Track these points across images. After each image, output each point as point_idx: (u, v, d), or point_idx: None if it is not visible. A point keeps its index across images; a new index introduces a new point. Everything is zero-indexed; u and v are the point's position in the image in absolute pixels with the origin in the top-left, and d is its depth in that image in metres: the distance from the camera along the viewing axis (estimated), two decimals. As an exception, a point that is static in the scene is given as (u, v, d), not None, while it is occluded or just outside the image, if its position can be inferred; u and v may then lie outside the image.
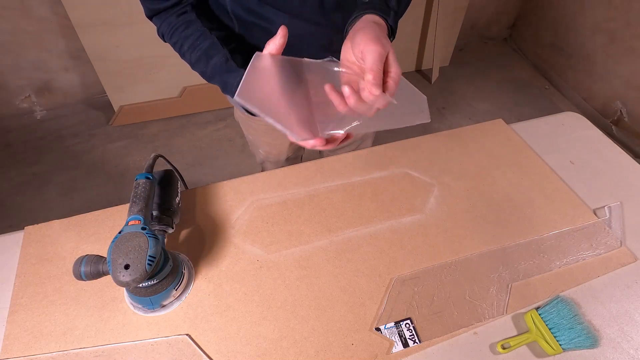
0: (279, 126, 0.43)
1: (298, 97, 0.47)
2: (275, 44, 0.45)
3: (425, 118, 0.54)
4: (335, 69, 0.48)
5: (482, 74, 2.41)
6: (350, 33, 0.49)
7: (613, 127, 2.06)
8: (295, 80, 0.47)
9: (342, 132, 0.47)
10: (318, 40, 0.66)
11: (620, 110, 2.02)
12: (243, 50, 0.66)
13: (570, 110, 1.61)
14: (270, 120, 0.43)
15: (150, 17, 0.63)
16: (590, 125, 0.95)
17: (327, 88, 0.45)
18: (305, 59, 0.47)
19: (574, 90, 2.26)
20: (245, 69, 0.43)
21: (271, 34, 0.47)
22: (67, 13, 1.56)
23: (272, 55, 0.46)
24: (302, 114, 0.47)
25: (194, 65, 0.61)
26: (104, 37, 1.65)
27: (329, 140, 0.48)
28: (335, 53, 0.51)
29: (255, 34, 0.65)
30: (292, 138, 0.46)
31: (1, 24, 1.70)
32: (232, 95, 0.53)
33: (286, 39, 0.46)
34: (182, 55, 0.62)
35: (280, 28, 0.45)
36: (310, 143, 0.47)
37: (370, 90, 0.42)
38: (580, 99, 2.22)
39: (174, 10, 0.60)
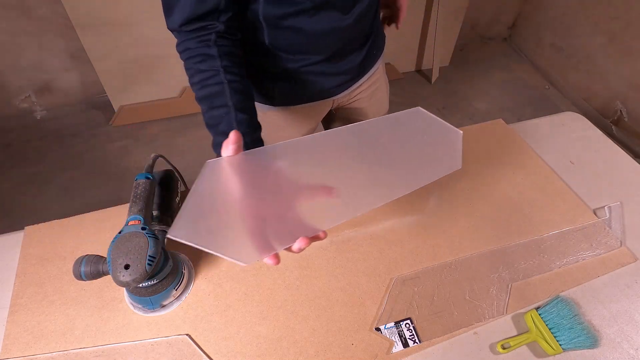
0: (221, 255, 0.36)
1: (268, 198, 0.41)
2: (229, 151, 0.40)
3: (456, 165, 0.47)
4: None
5: (482, 74, 2.41)
6: None
7: (613, 127, 2.06)
8: (259, 175, 0.41)
9: (298, 244, 0.39)
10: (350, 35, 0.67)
11: (620, 110, 2.02)
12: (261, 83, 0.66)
13: (570, 110, 1.61)
14: (212, 252, 0.35)
15: (171, 30, 0.58)
16: (590, 125, 0.94)
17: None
18: (271, 146, 0.41)
19: (574, 90, 2.26)
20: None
21: (300, 37, 0.43)
22: (67, 13, 1.56)
23: (228, 158, 0.40)
24: (273, 218, 0.40)
25: (197, 100, 0.57)
26: (104, 37, 1.65)
27: (315, 237, 0.40)
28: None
29: (283, 40, 0.63)
30: (239, 264, 0.39)
31: (1, 24, 1.70)
32: (217, 153, 0.47)
33: (240, 145, 0.40)
34: (190, 85, 0.57)
35: (231, 133, 0.40)
36: (295, 247, 0.39)
37: None
38: (580, 99, 2.22)
39: (195, 34, 0.54)
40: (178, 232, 0.34)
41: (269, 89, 0.73)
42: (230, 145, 0.40)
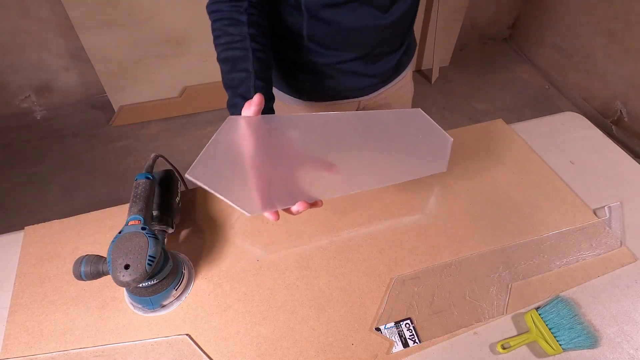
0: (227, 201, 0.40)
1: (269, 161, 0.44)
2: (250, 112, 0.44)
3: (442, 168, 0.51)
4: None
5: (482, 74, 2.41)
6: None
7: (613, 127, 2.06)
8: (272, 140, 0.45)
9: (297, 207, 0.44)
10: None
11: (620, 110, 2.02)
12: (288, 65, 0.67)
13: (570, 110, 1.61)
14: (219, 196, 0.40)
15: None
16: (590, 125, 0.95)
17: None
18: (289, 116, 0.46)
19: (574, 90, 2.26)
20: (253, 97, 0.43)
21: (338, 31, 0.49)
22: (67, 13, 1.56)
23: (247, 118, 0.44)
24: (270, 181, 0.43)
25: (218, 60, 0.59)
26: (104, 37, 1.65)
27: (313, 204, 0.45)
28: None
29: (321, 32, 0.65)
30: (244, 213, 0.42)
31: (1, 24, 1.70)
32: (231, 113, 0.51)
33: (261, 108, 0.44)
34: (215, 45, 0.59)
35: (256, 95, 0.44)
36: (294, 209, 0.43)
37: None
38: (580, 99, 2.22)
39: None
40: (196, 173, 0.39)
41: (298, 82, 0.74)
42: (252, 106, 0.44)
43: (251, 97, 0.48)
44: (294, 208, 0.43)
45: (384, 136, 0.51)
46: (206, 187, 0.39)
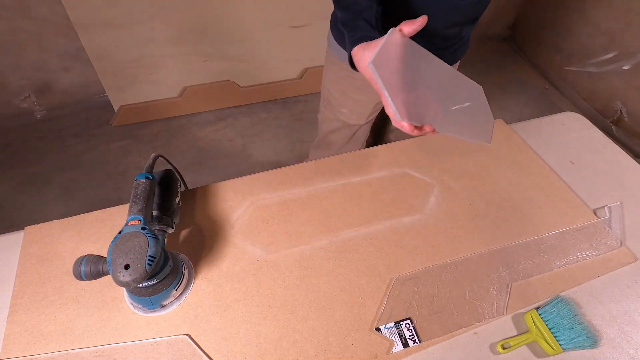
0: (390, 101, 0.46)
1: (409, 81, 0.52)
2: (410, 27, 0.50)
3: (485, 140, 0.59)
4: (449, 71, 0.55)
5: (482, 74, 2.41)
6: None
7: (613, 127, 2.06)
8: (411, 64, 0.52)
9: (427, 128, 0.52)
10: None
11: (620, 110, 2.02)
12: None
13: (570, 110, 1.61)
14: (386, 94, 0.46)
15: None
16: (590, 125, 0.95)
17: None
18: (423, 49, 0.53)
19: (574, 90, 2.25)
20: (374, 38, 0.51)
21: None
22: (67, 13, 1.55)
23: (403, 36, 0.51)
24: (408, 97, 0.51)
25: (338, 8, 0.63)
26: (104, 37, 1.65)
27: (418, 128, 0.52)
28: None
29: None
30: (395, 115, 0.49)
31: (1, 24, 1.69)
32: (347, 49, 0.58)
33: (422, 27, 0.51)
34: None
35: (421, 17, 0.51)
36: (404, 125, 0.50)
37: None
38: (580, 99, 2.22)
39: None
40: (378, 64, 0.46)
41: None
42: (415, 24, 0.51)
43: (374, 23, 0.57)
44: (426, 128, 0.51)
45: (453, 92, 0.60)
46: (379, 81, 0.45)
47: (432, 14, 0.69)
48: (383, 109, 1.02)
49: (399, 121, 0.50)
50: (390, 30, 0.50)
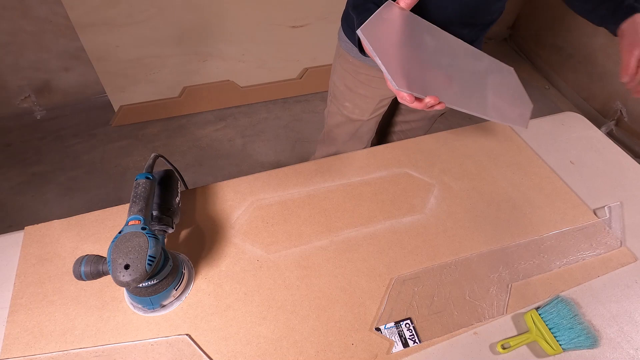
0: (383, 68, 0.47)
1: (410, 52, 0.52)
2: (406, 1, 0.52)
3: (523, 123, 0.59)
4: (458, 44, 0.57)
5: (482, 74, 2.41)
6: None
7: (613, 127, 2.06)
8: (413, 36, 0.53)
9: (428, 99, 0.52)
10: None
11: (620, 110, 2.02)
12: None
13: (570, 110, 1.61)
14: (378, 61, 0.47)
15: None
16: (590, 125, 0.95)
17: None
18: (427, 22, 0.53)
19: (574, 90, 2.26)
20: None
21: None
22: (67, 13, 1.55)
23: (401, 9, 0.52)
24: (408, 68, 0.51)
25: None
26: (104, 37, 1.65)
27: (418, 100, 0.51)
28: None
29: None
30: (391, 84, 0.50)
31: (1, 24, 1.69)
32: (356, 31, 0.59)
33: (413, 2, 0.52)
34: None
35: None
36: (404, 96, 0.50)
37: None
38: (580, 99, 2.22)
39: None
40: (368, 32, 0.46)
41: None
42: None
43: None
44: (427, 99, 0.50)
45: (481, 73, 0.60)
46: (370, 49, 0.45)
47: (444, 7, 0.69)
48: (388, 108, 1.02)
49: (398, 91, 0.50)
50: (386, 2, 0.51)
